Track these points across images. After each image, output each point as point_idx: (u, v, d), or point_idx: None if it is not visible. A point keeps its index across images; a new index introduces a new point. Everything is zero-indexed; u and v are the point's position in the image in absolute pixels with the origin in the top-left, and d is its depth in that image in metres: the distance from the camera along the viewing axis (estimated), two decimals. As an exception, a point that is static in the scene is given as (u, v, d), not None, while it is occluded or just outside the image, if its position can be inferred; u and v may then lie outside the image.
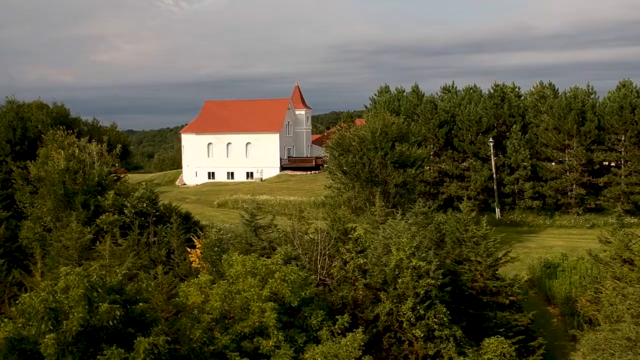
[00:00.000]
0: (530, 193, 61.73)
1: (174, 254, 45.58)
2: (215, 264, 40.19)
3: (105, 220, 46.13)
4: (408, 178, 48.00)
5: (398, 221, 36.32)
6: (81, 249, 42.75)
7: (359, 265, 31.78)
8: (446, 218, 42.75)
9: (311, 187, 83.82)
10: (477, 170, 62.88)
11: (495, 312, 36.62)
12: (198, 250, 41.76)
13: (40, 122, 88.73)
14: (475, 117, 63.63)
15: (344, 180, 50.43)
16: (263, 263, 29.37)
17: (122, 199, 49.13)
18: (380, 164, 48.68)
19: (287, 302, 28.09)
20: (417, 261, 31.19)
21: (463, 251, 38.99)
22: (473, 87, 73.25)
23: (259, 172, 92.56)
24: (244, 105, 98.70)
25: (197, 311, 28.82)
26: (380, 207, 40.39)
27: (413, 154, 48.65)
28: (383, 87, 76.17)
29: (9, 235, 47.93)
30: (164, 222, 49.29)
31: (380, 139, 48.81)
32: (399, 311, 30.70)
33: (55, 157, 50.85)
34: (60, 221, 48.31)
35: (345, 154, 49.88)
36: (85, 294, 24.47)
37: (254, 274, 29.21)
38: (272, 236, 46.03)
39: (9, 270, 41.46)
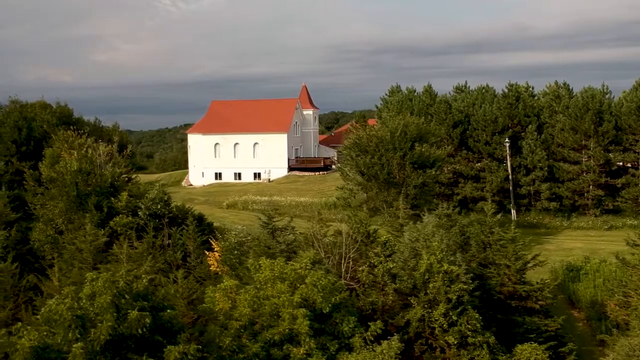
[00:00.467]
0: (547, 194, 60.81)
1: (190, 257, 44.60)
2: (235, 267, 39.25)
3: (119, 222, 45.16)
4: (428, 179, 47.02)
5: (425, 224, 35.34)
6: (95, 252, 41.83)
7: (388, 269, 30.80)
8: (469, 220, 41.87)
9: (320, 187, 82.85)
10: (492, 171, 61.92)
11: (524, 317, 35.70)
12: (217, 254, 40.79)
13: (46, 122, 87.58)
14: (490, 117, 62.72)
15: (361, 181, 49.42)
16: (292, 268, 28.41)
17: (134, 201, 48.19)
18: (398, 165, 47.66)
19: (318, 308, 27.14)
20: (449, 265, 30.27)
21: (488, 254, 38.09)
22: (485, 87, 72.26)
23: (266, 173, 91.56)
24: (251, 105, 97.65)
25: (223, 317, 27.91)
26: (404, 209, 39.39)
27: (433, 154, 47.68)
28: (394, 87, 75.29)
29: (20, 237, 46.94)
30: (177, 224, 48.35)
31: (399, 139, 47.84)
32: (430, 317, 29.78)
33: (67, 158, 49.89)
34: (72, 223, 47.33)
35: (363, 154, 48.88)
36: (113, 301, 23.51)
37: (283, 279, 28.27)
38: (289, 238, 45.17)
39: (21, 274, 40.50)
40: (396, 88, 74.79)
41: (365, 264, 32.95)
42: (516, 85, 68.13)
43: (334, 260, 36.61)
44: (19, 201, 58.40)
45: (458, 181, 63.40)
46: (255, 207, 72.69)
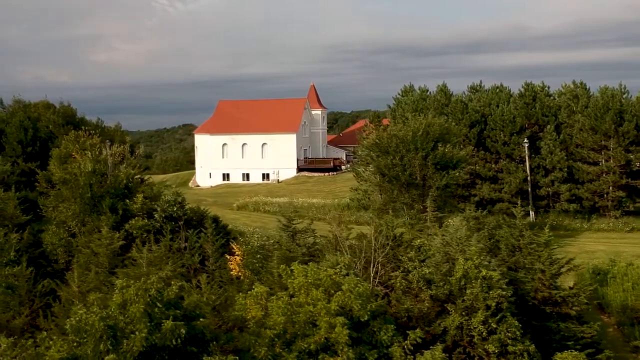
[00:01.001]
0: (567, 196, 59.65)
1: (208, 261, 43.41)
2: (258, 272, 38.05)
3: (134, 225, 43.94)
4: (451, 181, 45.85)
5: (457, 227, 34.16)
6: (112, 256, 40.60)
7: (423, 275, 29.59)
8: (496, 223, 40.71)
9: (331, 188, 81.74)
10: (511, 172, 60.75)
11: (558, 323, 34.54)
12: (238, 257, 39.56)
13: (52, 122, 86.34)
14: (508, 117, 61.56)
15: (380, 183, 48.22)
16: (327, 273, 27.21)
17: (149, 203, 46.95)
18: (420, 166, 46.49)
19: (356, 316, 25.95)
20: (488, 271, 29.10)
21: (519, 259, 36.95)
22: (500, 86, 71.16)
23: (275, 174, 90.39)
24: (259, 105, 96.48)
25: (255, 326, 26.71)
26: (432, 212, 38.22)
27: (456, 155, 46.51)
28: (407, 87, 74.11)
29: (32, 240, 45.68)
30: (193, 227, 47.14)
31: (421, 139, 46.67)
32: (469, 325, 28.60)
33: (79, 159, 48.62)
34: (85, 226, 46.09)
35: (384, 155, 47.69)
36: (145, 310, 22.32)
37: (317, 285, 27.08)
38: (308, 241, 43.97)
39: (35, 279, 39.24)
40: (409, 88, 73.61)
41: (399, 269, 31.79)
42: (532, 85, 67.00)
43: (360, 265, 35.49)
44: (28, 203, 57.18)
45: (475, 182, 62.22)
46: (267, 208, 71.49)
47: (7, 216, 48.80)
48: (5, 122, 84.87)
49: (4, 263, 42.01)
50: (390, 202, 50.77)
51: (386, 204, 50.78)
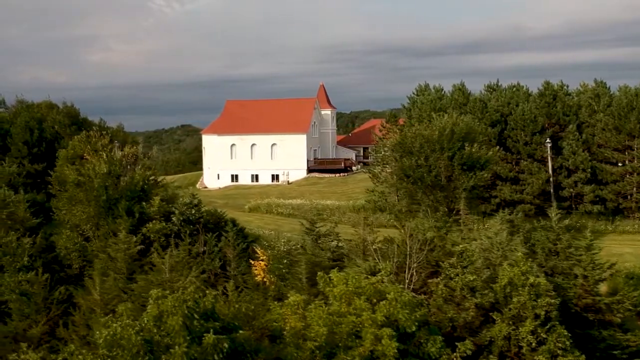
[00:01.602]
0: (591, 197, 58.13)
1: (229, 266, 41.85)
2: (284, 277, 36.49)
3: (152, 229, 42.41)
4: (478, 182, 44.29)
5: (497, 231, 32.62)
6: (131, 261, 39.03)
7: (467, 282, 28.04)
8: (531, 226, 39.19)
9: (343, 190, 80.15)
10: (533, 173, 59.21)
11: (600, 331, 33.01)
12: (262, 263, 38.01)
13: (57, 122, 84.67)
14: (529, 116, 60.01)
15: (405, 184, 46.61)
16: (369, 281, 25.66)
17: (166, 205, 45.39)
18: (446, 167, 44.92)
19: (402, 326, 24.39)
20: (536, 278, 27.59)
21: (557, 263, 35.45)
22: (517, 85, 69.66)
23: (285, 175, 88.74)
24: (267, 105, 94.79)
25: (293, 337, 25.14)
26: (466, 215, 36.66)
27: (484, 155, 44.95)
28: (422, 86, 72.52)
29: (45, 245, 44.05)
30: (211, 230, 45.58)
31: (447, 138, 45.11)
32: (517, 335, 27.07)
33: (93, 161, 47.01)
34: (99, 229, 44.50)
35: (408, 155, 46.11)
36: (184, 323, 20.71)
37: (359, 294, 25.53)
38: (331, 245, 42.41)
39: (51, 285, 37.65)
40: (425, 87, 72.06)
41: (438, 276, 30.27)
42: (551, 84, 65.46)
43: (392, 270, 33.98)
44: (37, 205, 55.55)
45: (495, 183, 60.59)
46: (279, 210, 69.90)
47: (18, 220, 47.16)
48: (10, 123, 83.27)
49: (17, 269, 40.42)
50: (412, 204, 49.27)
51: (408, 206, 49.27)
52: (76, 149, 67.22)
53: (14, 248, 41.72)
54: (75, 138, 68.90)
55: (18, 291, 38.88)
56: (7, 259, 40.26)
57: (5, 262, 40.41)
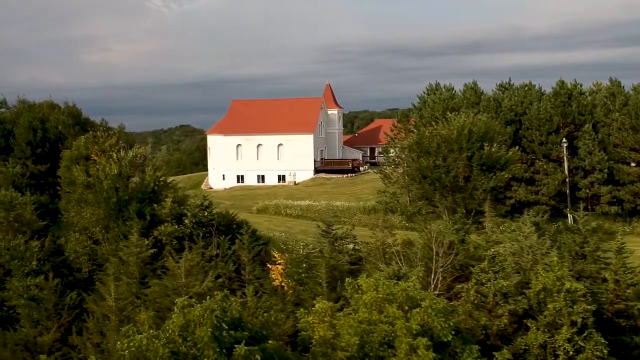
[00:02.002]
0: (608, 198, 57.00)
1: (244, 270, 40.68)
2: (304, 282, 35.33)
3: (163, 231, 41.23)
4: (499, 183, 43.12)
5: (526, 234, 31.47)
6: (143, 265, 37.84)
7: (500, 288, 26.88)
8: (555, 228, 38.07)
9: (352, 190, 78.89)
10: (548, 174, 58.04)
11: (632, 337, 31.90)
12: (280, 267, 36.86)
13: (61, 122, 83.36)
14: (544, 115, 58.85)
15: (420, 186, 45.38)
16: (400, 287, 24.47)
17: (177, 207, 44.22)
18: (465, 167, 43.74)
19: (437, 335, 23.21)
20: (572, 283, 26.46)
21: (584, 267, 34.35)
22: (529, 84, 68.55)
23: (291, 176, 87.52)
24: (274, 105, 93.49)
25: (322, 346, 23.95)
26: (492, 217, 35.52)
27: (504, 155, 43.78)
28: (433, 85, 71.36)
29: (53, 248, 42.84)
30: (223, 232, 44.43)
31: (465, 138, 43.94)
32: (553, 343, 25.93)
33: (102, 161, 45.78)
34: (109, 232, 43.30)
35: (425, 155, 44.93)
36: (213, 333, 19.54)
37: (390, 301, 24.35)
38: (348, 248, 41.26)
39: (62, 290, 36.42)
40: (435, 86, 70.89)
41: (467, 281, 29.15)
42: (565, 83, 64.29)
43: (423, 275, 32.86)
44: (43, 207, 54.35)
45: (510, 184, 59.38)
46: (288, 212, 68.69)
47: (25, 222, 45.99)
48: (13, 123, 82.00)
49: (25, 273, 39.24)
50: (429, 205, 48.11)
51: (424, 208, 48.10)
52: (81, 149, 65.99)
53: (22, 252, 40.56)
54: (80, 138, 67.66)
55: (27, 296, 37.70)
56: (16, 263, 39.09)
57: (13, 266, 39.23)
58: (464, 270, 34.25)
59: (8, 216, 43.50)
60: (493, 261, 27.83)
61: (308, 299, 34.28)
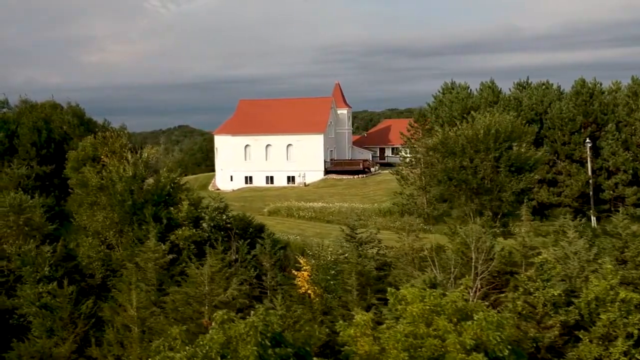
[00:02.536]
0: (634, 199, 55.38)
1: (265, 276, 39.01)
2: (332, 290, 33.64)
3: (181, 236, 39.56)
4: (529, 185, 41.49)
5: (571, 240, 29.82)
6: (161, 271, 36.14)
7: (550, 298, 25.23)
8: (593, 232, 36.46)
9: (364, 192, 77.27)
10: (571, 175, 56.41)
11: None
12: (305, 273, 35.17)
13: (66, 122, 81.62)
14: (567, 115, 57.22)
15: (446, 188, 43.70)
16: (449, 298, 22.81)
17: (194, 210, 42.51)
18: (492, 168, 42.09)
19: (491, 350, 21.54)
20: (627, 292, 24.84)
21: (626, 274, 32.67)
22: (546, 83, 67.04)
23: (301, 176, 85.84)
24: (282, 104, 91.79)
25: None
26: (529, 221, 33.87)
27: (533, 155, 42.15)
28: (448, 84, 69.78)
29: (65, 253, 41.12)
30: (240, 236, 42.76)
31: (492, 138, 42.31)
32: (608, 356, 24.30)
33: (115, 163, 44.07)
34: (123, 237, 41.60)
35: (451, 156, 43.28)
36: (257, 352, 17.89)
37: (438, 312, 22.70)
38: (371, 252, 39.59)
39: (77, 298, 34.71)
40: (451, 85, 69.32)
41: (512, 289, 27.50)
42: (586, 82, 62.68)
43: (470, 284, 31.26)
44: (51, 210, 52.64)
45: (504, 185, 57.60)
46: (301, 214, 67.01)
47: (35, 226, 44.23)
48: (16, 123, 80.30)
49: (37, 279, 37.55)
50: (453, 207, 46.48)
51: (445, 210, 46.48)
52: (87, 150, 64.32)
53: (33, 257, 38.84)
54: (86, 139, 65.95)
55: (38, 304, 36.03)
56: (27, 269, 37.33)
57: (24, 273, 37.49)
58: (501, 277, 32.69)
59: (18, 220, 41.76)
60: (541, 269, 26.17)
61: (337, 307, 32.70)
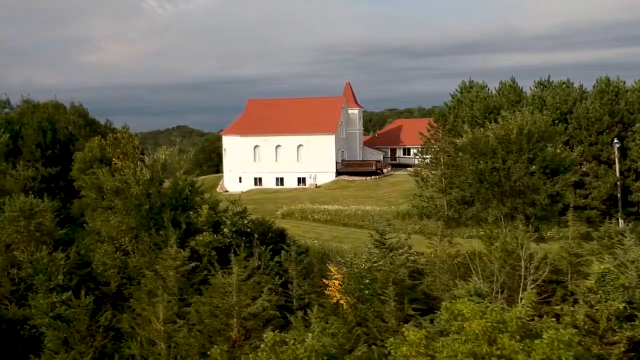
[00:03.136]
0: (664, 202, 53.58)
1: (291, 284, 37.02)
2: (366, 300, 31.65)
3: (201, 242, 37.53)
4: (564, 187, 39.58)
5: (627, 247, 27.90)
6: (183, 280, 34.13)
7: (616, 311, 23.25)
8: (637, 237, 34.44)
9: (379, 194, 75.30)
10: (599, 177, 54.50)
11: None
12: (337, 282, 33.21)
13: (72, 123, 79.71)
14: (594, 114, 55.30)
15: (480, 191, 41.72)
16: (513, 314, 20.84)
17: (214, 214, 40.57)
18: (526, 170, 40.17)
19: (563, 374, 19.58)
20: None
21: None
22: (567, 82, 65.13)
23: (312, 178, 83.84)
24: (292, 104, 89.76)
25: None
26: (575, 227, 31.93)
27: (569, 156, 40.23)
28: (467, 83, 67.85)
29: (80, 261, 39.10)
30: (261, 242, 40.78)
31: (525, 138, 40.39)
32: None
33: (129, 164, 42.10)
34: (139, 243, 39.59)
35: (482, 157, 41.34)
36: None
37: (500, 330, 20.72)
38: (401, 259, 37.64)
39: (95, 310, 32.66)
40: (469, 84, 67.39)
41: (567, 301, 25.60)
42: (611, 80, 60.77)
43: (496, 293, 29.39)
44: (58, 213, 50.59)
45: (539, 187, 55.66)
46: (316, 217, 65.06)
47: (45, 231, 42.21)
48: (20, 124, 78.40)
49: (49, 288, 35.52)
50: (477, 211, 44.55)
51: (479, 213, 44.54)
52: (94, 151, 62.40)
53: (45, 264, 36.85)
54: (93, 140, 64.11)
55: (52, 314, 34.02)
56: (40, 277, 35.32)
57: (37, 282, 35.48)
58: (547, 287, 30.78)
59: (29, 225, 39.74)
60: (603, 280, 24.18)
61: (373, 319, 30.73)
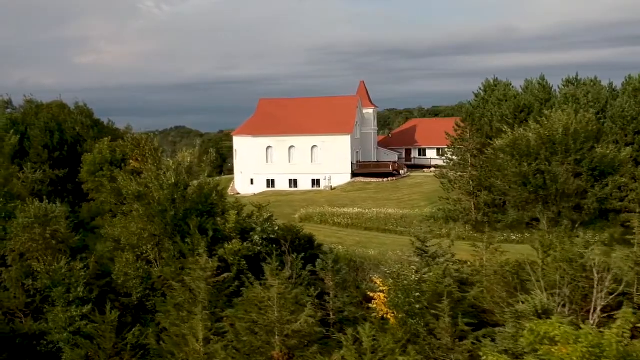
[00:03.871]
0: None
1: (328, 296, 34.56)
2: (415, 314, 29.19)
3: (230, 250, 35.07)
4: (614, 189, 37.13)
5: None
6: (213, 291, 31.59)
7: None
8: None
9: (398, 196, 72.79)
10: (636, 179, 52.00)
11: None
12: (382, 294, 30.78)
13: (79, 123, 77.12)
14: (630, 113, 52.82)
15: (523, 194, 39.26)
16: (613, 339, 18.40)
17: (243, 221, 38.14)
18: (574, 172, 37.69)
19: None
20: None
21: None
22: (594, 80, 62.76)
23: (327, 180, 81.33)
24: (305, 104, 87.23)
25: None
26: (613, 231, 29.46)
27: (618, 157, 37.82)
28: (490, 82, 65.38)
29: (100, 271, 36.59)
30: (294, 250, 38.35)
31: (572, 139, 37.92)
32: None
33: (151, 167, 39.62)
34: (163, 251, 37.08)
35: (525, 158, 38.86)
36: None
37: (597, 356, 18.29)
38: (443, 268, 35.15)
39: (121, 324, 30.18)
40: (493, 82, 64.94)
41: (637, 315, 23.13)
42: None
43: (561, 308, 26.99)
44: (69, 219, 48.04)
45: (586, 190, 53.29)
46: (336, 220, 62.57)
47: (61, 238, 39.61)
48: (26, 124, 75.85)
49: (68, 301, 33.03)
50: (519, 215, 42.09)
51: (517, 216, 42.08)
52: (104, 152, 60.02)
53: (62, 275, 34.31)
54: (102, 141, 61.86)
55: (71, 329, 31.62)
56: (59, 289, 32.79)
57: (55, 294, 32.96)
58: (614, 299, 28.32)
59: (44, 232, 37.13)
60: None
61: (426, 335, 28.27)
